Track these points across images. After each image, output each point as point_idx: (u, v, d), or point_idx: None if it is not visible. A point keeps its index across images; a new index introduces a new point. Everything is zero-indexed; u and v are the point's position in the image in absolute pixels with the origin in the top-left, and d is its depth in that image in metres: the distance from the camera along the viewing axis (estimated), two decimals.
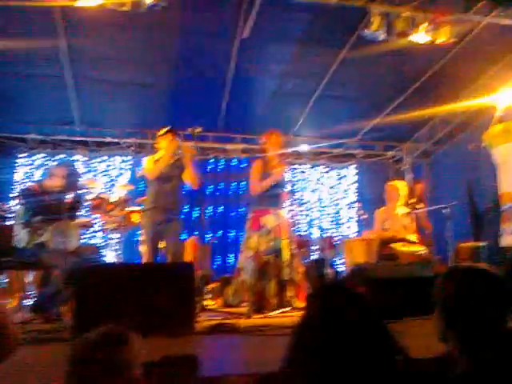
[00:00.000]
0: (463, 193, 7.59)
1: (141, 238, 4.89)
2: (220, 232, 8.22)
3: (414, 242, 5.66)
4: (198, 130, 4.60)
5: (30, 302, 4.98)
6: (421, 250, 5.64)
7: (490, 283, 1.47)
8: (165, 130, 4.77)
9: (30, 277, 5.45)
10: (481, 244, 6.36)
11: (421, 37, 5.30)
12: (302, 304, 4.33)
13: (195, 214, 7.04)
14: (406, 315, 3.36)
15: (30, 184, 6.31)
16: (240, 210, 8.26)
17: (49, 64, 5.96)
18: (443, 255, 6.28)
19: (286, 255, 4.63)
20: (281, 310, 4.35)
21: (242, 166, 8.48)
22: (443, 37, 5.31)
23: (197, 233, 6.92)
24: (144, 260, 4.78)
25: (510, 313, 1.47)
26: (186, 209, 7.10)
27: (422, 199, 6.50)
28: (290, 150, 7.21)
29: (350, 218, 8.95)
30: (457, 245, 6.24)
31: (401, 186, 5.96)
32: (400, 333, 1.33)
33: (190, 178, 4.67)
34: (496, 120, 6.37)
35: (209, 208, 8.14)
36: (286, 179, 4.97)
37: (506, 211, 5.79)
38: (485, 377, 1.31)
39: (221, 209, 8.34)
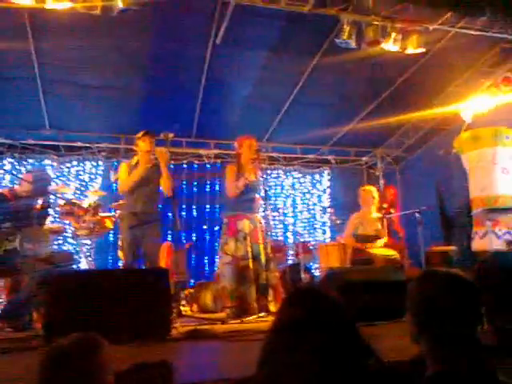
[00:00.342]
0: (434, 198, 7.75)
1: (119, 243, 4.83)
2: (194, 235, 8.18)
3: (386, 247, 5.74)
4: (171, 135, 4.57)
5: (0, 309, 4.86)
6: (393, 254, 5.73)
7: (463, 288, 1.49)
8: (143, 132, 4.73)
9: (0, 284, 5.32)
10: (451, 248, 6.51)
11: (391, 46, 5.43)
12: (276, 309, 4.34)
13: (169, 217, 6.99)
14: (379, 319, 3.41)
15: (0, 190, 6.17)
16: (214, 212, 8.25)
17: (18, 67, 5.86)
18: (415, 259, 6.40)
19: (263, 260, 4.65)
20: (257, 315, 4.35)
21: (216, 171, 8.46)
22: (412, 46, 5.45)
23: (170, 238, 6.87)
24: (123, 265, 4.73)
25: (481, 317, 1.50)
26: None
27: (394, 204, 6.61)
28: (263, 155, 7.25)
29: (324, 223, 9.03)
30: (428, 249, 6.36)
31: (374, 191, 6.05)
32: (372, 336, 1.35)
33: (164, 184, 4.64)
34: (466, 127, 6.55)
35: (183, 211, 8.09)
36: (260, 184, 4.98)
37: (477, 215, 5.94)
38: (455, 380, 1.34)
39: (195, 210, 8.30)
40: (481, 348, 1.45)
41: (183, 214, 8.09)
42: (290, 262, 7.68)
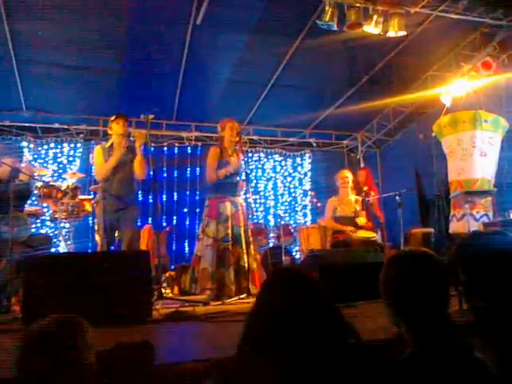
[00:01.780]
0: (414, 181, 7.84)
1: (96, 227, 4.78)
2: (175, 219, 8.15)
3: (363, 227, 5.81)
4: (151, 117, 4.52)
5: None
6: (373, 236, 5.81)
7: (428, 267, 1.50)
8: (116, 115, 4.67)
9: None
10: (430, 230, 6.61)
11: (372, 28, 5.41)
12: (256, 291, 4.38)
13: (149, 201, 6.94)
14: (359, 299, 3.46)
15: None
16: (195, 196, 8.21)
17: None
18: (395, 241, 6.49)
19: (243, 242, 4.67)
20: (238, 297, 4.38)
21: (197, 153, 8.42)
22: (393, 29, 5.45)
23: (151, 220, 6.84)
24: (99, 249, 4.69)
25: (450, 297, 1.52)
26: (140, 196, 7.00)
27: (368, 186, 6.65)
28: (245, 138, 7.23)
29: (305, 205, 9.08)
30: (407, 231, 6.45)
31: (349, 175, 6.11)
32: (352, 316, 1.36)
33: (136, 167, 4.59)
34: (445, 111, 6.61)
35: (163, 194, 8.04)
36: (241, 167, 4.98)
37: (455, 198, 6.03)
38: (430, 359, 1.36)
39: (175, 195, 8.25)
40: (454, 327, 1.47)
41: (164, 197, 8.03)
42: (271, 244, 7.71)
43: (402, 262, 1.54)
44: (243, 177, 4.94)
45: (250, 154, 8.71)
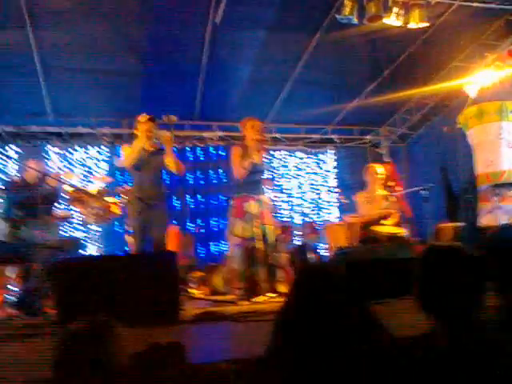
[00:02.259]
0: (440, 175, 7.71)
1: (127, 228, 4.85)
2: (200, 222, 8.18)
3: (393, 225, 5.74)
4: (174, 118, 4.55)
5: (11, 297, 4.91)
6: (400, 232, 5.73)
7: (463, 261, 1.48)
8: (145, 117, 4.69)
9: (11, 272, 5.37)
10: (459, 224, 6.48)
11: (393, 21, 5.34)
12: (286, 289, 4.37)
13: (176, 205, 7.01)
14: (387, 296, 3.42)
15: (13, 177, 6.20)
16: (221, 198, 8.25)
17: (17, 54, 5.81)
18: (422, 236, 6.40)
19: (271, 241, 4.68)
20: (267, 296, 4.39)
21: (220, 153, 8.46)
22: (414, 20, 5.36)
23: (178, 222, 6.91)
24: (132, 250, 4.74)
25: (485, 291, 1.49)
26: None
27: (395, 181, 6.56)
28: (267, 136, 7.21)
29: (331, 202, 9.02)
30: (435, 226, 6.35)
31: (379, 169, 6.02)
32: (382, 313, 1.35)
33: (172, 165, 4.61)
34: (470, 102, 6.48)
35: (189, 198, 8.10)
36: (265, 165, 4.98)
37: (483, 191, 5.91)
38: (463, 356, 1.34)
39: (201, 198, 8.30)
40: (487, 322, 1.45)
41: (189, 199, 8.08)
42: (296, 242, 7.69)
43: (435, 257, 1.52)
44: (266, 175, 4.93)
45: (272, 153, 8.69)
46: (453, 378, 1.33)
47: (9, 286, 4.95)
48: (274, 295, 4.42)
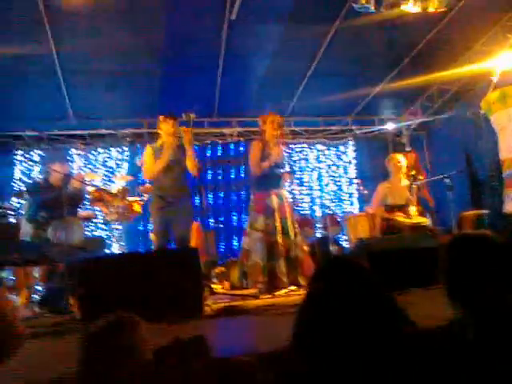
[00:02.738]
0: (463, 162, 7.57)
1: (151, 226, 4.90)
2: (222, 216, 8.22)
3: (416, 214, 5.65)
4: (193, 115, 4.56)
5: (37, 297, 5.01)
6: (423, 221, 5.65)
7: (492, 249, 1.45)
8: (165, 115, 4.71)
9: (36, 272, 5.48)
10: (484, 211, 6.37)
11: (411, 7, 5.23)
12: (307, 282, 4.36)
13: (196, 202, 7.03)
14: (411, 286, 3.38)
15: (36, 179, 6.32)
16: (241, 194, 8.26)
17: (37, 58, 5.91)
18: (446, 225, 6.30)
19: (291, 234, 4.66)
20: (288, 289, 4.39)
21: (240, 149, 8.47)
22: (433, 5, 5.24)
23: (199, 218, 6.93)
24: (155, 247, 4.79)
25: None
26: None
27: (417, 169, 6.46)
28: (286, 130, 7.18)
29: (351, 194, 8.95)
30: (459, 214, 6.25)
31: (401, 159, 5.94)
32: (406, 303, 1.33)
33: (189, 165, 4.63)
34: (493, 86, 6.33)
35: (209, 194, 8.14)
36: (284, 159, 4.97)
37: (509, 177, 5.78)
38: (491, 345, 1.31)
39: (221, 195, 8.33)
40: None
41: (210, 197, 8.12)
42: (318, 235, 7.66)
43: (463, 245, 1.49)
44: (287, 169, 4.92)
45: (292, 146, 8.65)
46: (479, 368, 1.30)
47: (35, 286, 5.05)
48: (296, 288, 4.41)
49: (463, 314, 1.42)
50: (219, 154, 8.51)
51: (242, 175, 8.37)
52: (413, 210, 5.66)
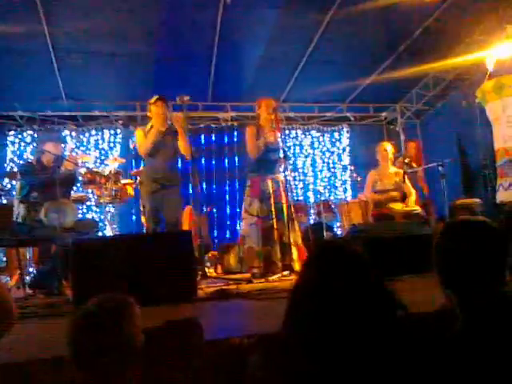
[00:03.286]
0: (457, 150, 7.59)
1: (141, 209, 4.91)
2: (215, 199, 8.21)
3: (408, 201, 5.69)
4: (186, 98, 4.56)
5: (29, 278, 5.00)
6: (416, 209, 5.68)
7: (485, 235, 1.45)
8: (155, 97, 4.72)
9: (28, 253, 5.47)
10: (476, 200, 6.41)
11: None
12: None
13: (189, 189, 7.02)
14: (404, 273, 3.40)
15: (28, 160, 6.26)
16: (234, 183, 8.24)
17: (30, 39, 5.81)
18: (439, 213, 6.33)
19: (286, 219, 4.67)
20: (281, 274, 4.41)
21: (234, 139, 8.42)
22: None
23: (192, 203, 6.93)
24: (146, 230, 4.80)
25: (509, 267, 1.46)
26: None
27: (418, 158, 6.49)
28: (281, 115, 7.15)
29: (345, 181, 8.97)
30: (451, 202, 6.28)
31: (388, 147, 5.99)
32: (399, 289, 1.33)
33: (182, 148, 4.64)
34: (489, 75, 6.33)
35: (203, 179, 8.10)
36: (280, 144, 4.96)
37: (502, 167, 5.82)
38: (482, 332, 1.32)
39: (215, 183, 8.30)
40: (508, 298, 1.42)
41: (203, 181, 8.09)
42: (311, 221, 7.68)
43: (457, 231, 1.49)
44: (281, 154, 4.92)
45: (287, 132, 8.63)
46: (471, 354, 1.31)
47: (27, 267, 5.04)
48: (288, 273, 4.44)
49: (455, 301, 1.43)
50: (213, 142, 8.43)
51: (236, 164, 8.32)
52: (412, 199, 5.70)
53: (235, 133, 8.39)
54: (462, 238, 1.46)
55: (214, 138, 8.45)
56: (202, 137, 8.36)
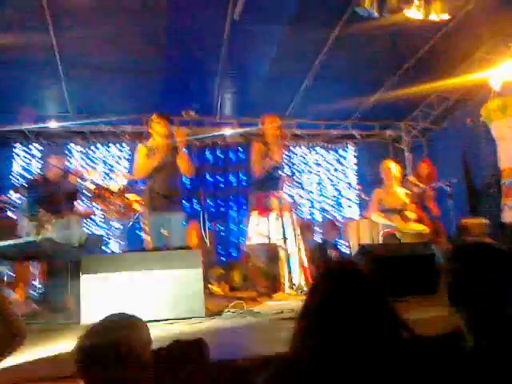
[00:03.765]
0: (462, 169, 7.58)
1: (143, 226, 4.89)
2: (220, 220, 8.19)
3: (415, 221, 5.66)
4: (192, 113, 4.57)
5: (35, 293, 5.00)
6: (424, 229, 5.65)
7: (496, 258, 1.46)
8: (156, 114, 4.71)
9: (35, 269, 5.47)
10: (482, 220, 6.38)
11: (413, 13, 5.24)
12: (308, 286, 4.36)
13: (195, 206, 7.03)
14: (410, 293, 3.38)
15: (34, 175, 6.30)
16: (240, 199, 8.25)
17: (38, 53, 5.87)
18: (446, 232, 6.29)
19: (292, 238, 4.66)
20: (288, 293, 4.39)
21: (239, 156, 8.46)
22: (436, 12, 5.25)
23: (198, 220, 6.93)
24: (148, 248, 4.78)
25: None
26: (185, 202, 7.12)
27: (430, 179, 6.42)
28: (287, 132, 7.18)
29: (351, 199, 8.95)
30: (458, 222, 6.25)
31: (391, 165, 5.96)
32: (405, 311, 1.34)
33: (182, 165, 4.60)
34: (493, 95, 6.35)
35: (208, 197, 8.10)
36: (284, 162, 4.98)
37: (507, 186, 5.80)
38: (491, 354, 1.31)
39: (220, 201, 8.29)
40: None
41: (209, 198, 8.11)
42: (317, 239, 7.66)
43: (466, 254, 1.50)
44: (286, 171, 4.93)
45: (292, 149, 8.64)
46: (477, 377, 1.30)
47: (33, 283, 5.04)
48: (295, 292, 4.41)
49: (463, 324, 1.43)
50: (219, 158, 8.44)
51: (242, 181, 8.33)
52: (410, 214, 5.67)
53: (240, 149, 8.42)
54: (471, 260, 1.46)
55: (219, 153, 8.47)
56: (208, 153, 8.38)
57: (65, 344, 2.24)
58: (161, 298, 3.15)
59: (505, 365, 1.28)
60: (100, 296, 3.08)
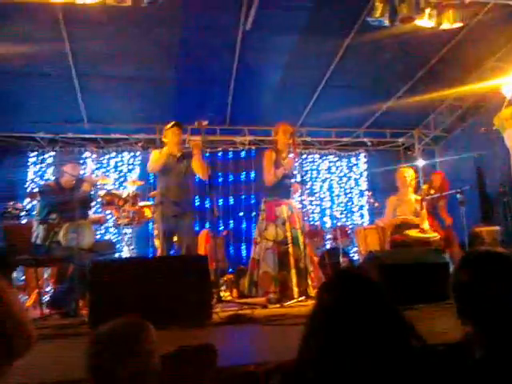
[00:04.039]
0: (475, 177, 7.53)
1: (155, 232, 4.94)
2: (231, 223, 8.21)
3: (426, 229, 5.62)
4: (205, 123, 4.62)
5: (47, 298, 5.05)
6: (434, 236, 5.61)
7: (505, 267, 1.44)
8: (171, 123, 4.80)
9: (46, 273, 5.53)
10: (496, 228, 6.32)
11: (425, 22, 5.24)
12: (316, 293, 4.34)
13: (206, 205, 7.06)
14: (420, 301, 3.36)
15: (48, 181, 6.37)
16: (250, 200, 8.26)
17: (53, 63, 5.97)
18: (458, 239, 6.23)
19: (301, 245, 4.67)
20: (297, 300, 4.38)
21: (251, 155, 8.47)
22: (448, 21, 5.24)
23: (208, 225, 6.95)
24: (158, 253, 4.82)
25: None
26: (197, 201, 7.16)
27: (443, 190, 6.37)
28: (298, 140, 7.17)
29: (362, 206, 8.92)
30: (470, 230, 6.19)
31: (407, 173, 5.95)
32: (415, 319, 1.33)
33: (198, 168, 4.67)
34: (507, 102, 6.31)
35: (219, 199, 8.13)
36: (296, 169, 4.99)
37: None
38: (502, 363, 1.30)
39: (231, 199, 8.33)
40: None
41: (220, 201, 8.12)
42: (328, 246, 7.64)
43: (477, 263, 1.48)
44: (298, 179, 4.94)
45: (304, 156, 8.64)
46: None
47: (45, 287, 5.09)
48: (303, 299, 4.41)
49: (473, 333, 1.42)
50: (230, 159, 8.48)
51: (252, 181, 8.34)
52: (422, 223, 5.63)
53: (252, 159, 8.44)
54: (481, 270, 1.45)
55: (231, 155, 8.51)
56: (219, 156, 8.42)
57: (74, 349, 2.25)
58: (168, 303, 3.15)
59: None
60: (109, 301, 3.09)
